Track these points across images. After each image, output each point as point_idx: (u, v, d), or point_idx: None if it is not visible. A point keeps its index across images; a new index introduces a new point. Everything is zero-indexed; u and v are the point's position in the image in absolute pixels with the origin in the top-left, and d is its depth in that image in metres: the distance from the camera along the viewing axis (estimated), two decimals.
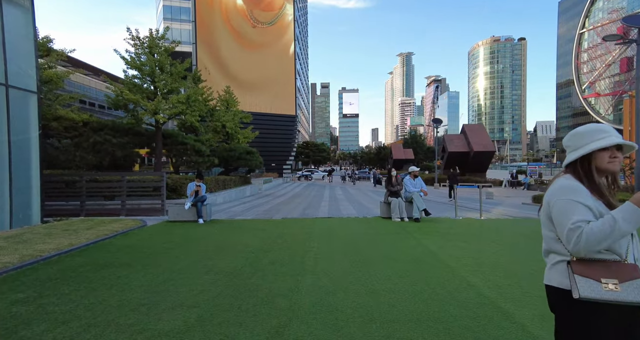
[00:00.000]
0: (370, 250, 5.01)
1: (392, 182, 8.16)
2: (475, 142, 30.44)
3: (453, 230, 6.62)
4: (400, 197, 8.10)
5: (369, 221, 7.90)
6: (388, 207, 8.17)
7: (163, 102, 11.58)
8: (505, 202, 15.29)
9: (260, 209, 11.48)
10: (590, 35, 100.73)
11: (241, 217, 9.48)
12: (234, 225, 7.69)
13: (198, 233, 6.63)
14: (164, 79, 11.85)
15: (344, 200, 15.72)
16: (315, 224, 7.51)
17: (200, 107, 13.31)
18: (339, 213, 10.13)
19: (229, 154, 17.32)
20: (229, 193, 15.56)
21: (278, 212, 10.65)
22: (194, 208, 8.13)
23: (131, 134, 12.64)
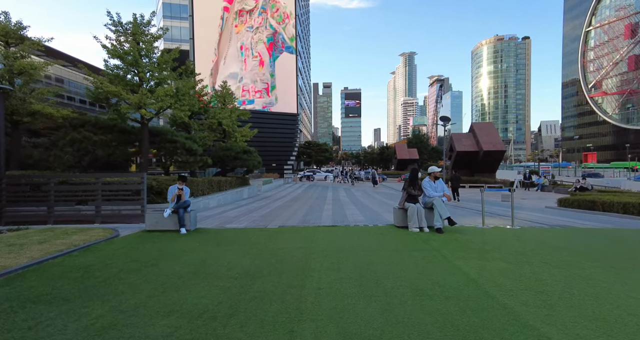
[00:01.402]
0: (391, 278, 3.78)
1: (416, 184, 6.93)
2: (485, 141, 29.14)
3: (488, 245, 5.38)
4: (418, 203, 6.86)
5: (381, 232, 6.66)
6: (404, 214, 6.94)
7: (148, 95, 10.40)
8: (524, 205, 13.99)
9: (256, 214, 10.27)
10: (596, 33, 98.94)
11: (233, 224, 8.27)
12: (221, 236, 6.47)
13: (174, 248, 5.42)
14: (149, 70, 10.65)
15: (349, 203, 14.48)
16: (317, 236, 6.29)
17: (191, 101, 12.13)
18: (345, 220, 8.90)
19: (225, 154, 16.13)
20: (224, 195, 14.37)
21: (276, 218, 9.43)
22: (176, 215, 6.93)
23: (116, 131, 11.48)
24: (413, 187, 6.95)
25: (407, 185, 6.99)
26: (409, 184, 6.98)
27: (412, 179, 7.02)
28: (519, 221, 8.76)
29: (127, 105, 10.46)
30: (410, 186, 6.96)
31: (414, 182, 6.97)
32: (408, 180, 7.03)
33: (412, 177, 7.03)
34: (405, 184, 7.04)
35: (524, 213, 10.96)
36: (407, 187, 6.98)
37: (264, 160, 38.56)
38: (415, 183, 6.96)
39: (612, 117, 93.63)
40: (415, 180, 6.99)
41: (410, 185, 6.97)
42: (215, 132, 18.28)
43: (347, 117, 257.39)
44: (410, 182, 6.98)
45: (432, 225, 6.68)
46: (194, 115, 15.82)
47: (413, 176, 7.05)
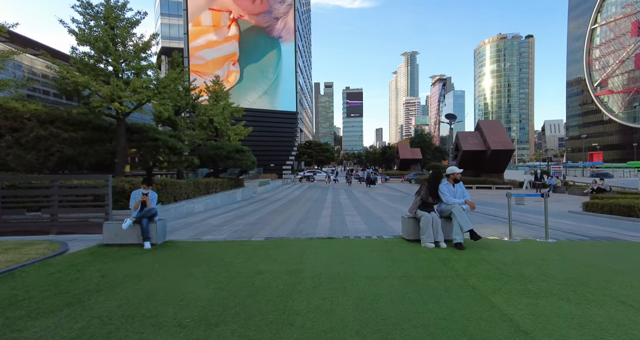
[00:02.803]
0: (406, 328, 2.55)
1: (435, 193, 5.66)
2: (493, 139, 27.83)
3: (527, 268, 4.12)
4: (433, 211, 5.62)
5: (388, 247, 5.42)
6: (415, 225, 5.69)
7: (122, 86, 9.21)
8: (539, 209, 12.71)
9: (243, 222, 9.05)
10: (602, 30, 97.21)
11: (211, 236, 7.05)
12: (190, 253, 5.26)
13: (124, 272, 4.20)
14: (124, 58, 9.43)
15: (350, 206, 13.24)
16: (308, 253, 5.06)
17: (173, 95, 10.95)
18: (345, 229, 7.66)
19: (215, 153, 14.92)
20: (213, 199, 13.16)
21: (265, 227, 8.20)
22: (139, 226, 5.72)
23: (90, 128, 10.30)
24: (432, 195, 5.68)
25: (425, 192, 5.70)
26: (428, 190, 5.70)
27: (432, 186, 5.72)
28: (554, 233, 7.49)
29: (100, 98, 9.26)
30: (427, 194, 5.68)
31: (433, 190, 5.70)
32: (427, 186, 5.74)
33: (434, 183, 5.73)
34: (422, 191, 5.75)
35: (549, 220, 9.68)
36: (423, 193, 5.72)
37: (261, 160, 37.27)
38: (436, 191, 5.69)
39: (618, 116, 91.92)
40: (436, 186, 5.71)
41: (428, 192, 5.69)
42: (207, 130, 17.09)
43: (349, 116, 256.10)
44: (430, 189, 5.70)
45: (451, 238, 5.44)
46: (181, 111, 14.66)
47: (435, 182, 5.74)
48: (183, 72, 12.50)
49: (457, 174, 5.73)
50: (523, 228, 7.87)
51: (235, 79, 43.13)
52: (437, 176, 5.82)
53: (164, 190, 9.75)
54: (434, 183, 5.75)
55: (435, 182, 5.75)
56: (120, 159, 9.93)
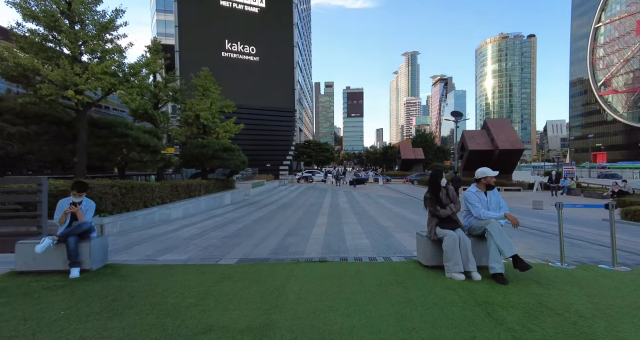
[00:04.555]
0: None
1: (440, 198, 4.21)
2: (501, 138, 26.37)
3: (624, 328, 2.65)
4: (459, 228, 4.14)
5: (400, 278, 3.95)
6: (435, 247, 4.23)
7: (78, 70, 7.74)
8: (569, 216, 11.25)
9: (220, 234, 7.57)
10: (606, 29, 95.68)
11: (172, 255, 5.56)
12: (128, 287, 3.79)
13: (4, 324, 2.75)
14: (82, 38, 7.95)
15: (350, 212, 11.78)
16: (290, 289, 3.60)
17: (144, 84, 9.52)
18: (342, 245, 6.18)
19: (200, 152, 13.45)
20: (196, 203, 11.69)
21: (244, 241, 6.72)
22: (64, 247, 4.24)
23: (46, 122, 8.84)
24: (438, 203, 4.21)
25: (432, 203, 4.21)
26: (432, 197, 4.24)
27: (433, 189, 4.28)
28: (596, 247, 6.01)
29: (52, 86, 7.79)
30: (434, 202, 4.22)
31: (436, 195, 4.24)
32: (429, 193, 4.28)
33: (434, 186, 4.28)
34: (428, 203, 4.26)
35: (585, 230, 8.22)
36: (430, 205, 4.23)
37: (256, 159, 35.81)
38: (439, 197, 4.23)
39: (622, 115, 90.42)
40: (437, 191, 4.25)
41: (433, 199, 4.24)
42: (192, 127, 15.63)
43: (349, 116, 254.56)
44: (433, 195, 4.25)
45: (486, 265, 3.97)
46: (161, 104, 13.19)
47: (435, 184, 4.29)
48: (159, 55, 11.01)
49: (490, 178, 4.25)
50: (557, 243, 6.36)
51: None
52: (436, 177, 4.32)
53: (130, 195, 8.29)
54: (434, 187, 4.28)
55: (436, 184, 4.28)
56: (81, 157, 8.48)
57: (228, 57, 39.24)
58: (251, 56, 40.37)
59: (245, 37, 40.13)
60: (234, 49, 39.69)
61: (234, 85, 37.13)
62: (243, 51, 40.02)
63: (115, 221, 7.42)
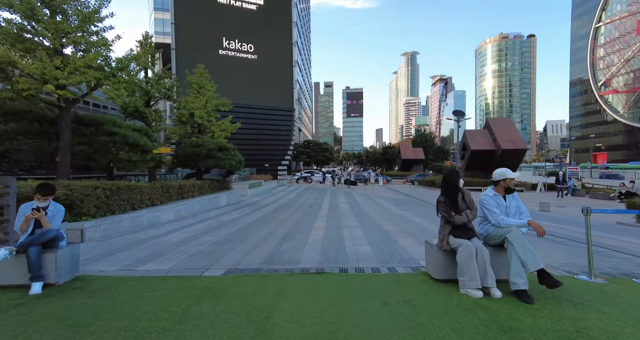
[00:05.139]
0: None
1: (457, 202, 3.71)
2: (503, 138, 25.87)
3: None
4: (475, 237, 3.64)
5: (408, 295, 3.44)
6: (448, 258, 3.73)
7: (58, 63, 7.21)
8: (577, 218, 10.76)
9: (211, 238, 7.06)
10: (607, 29, 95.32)
11: (155, 264, 5.05)
12: (94, 306, 3.28)
13: None
14: (63, 30, 7.41)
15: (350, 214, 11.28)
16: (281, 309, 3.10)
17: (132, 79, 9.00)
18: (342, 252, 5.67)
19: (194, 151, 12.92)
20: (189, 205, 11.18)
21: (235, 247, 6.22)
22: (25, 257, 3.72)
23: (27, 119, 8.32)
24: (454, 208, 3.71)
25: (446, 207, 3.71)
26: (448, 201, 3.74)
27: (449, 191, 3.78)
28: (620, 255, 5.50)
29: (31, 80, 7.26)
30: (449, 208, 3.72)
31: (453, 198, 3.74)
32: (445, 199, 3.77)
33: (451, 188, 3.78)
34: (441, 207, 3.76)
35: (600, 235, 7.72)
36: (443, 210, 3.74)
37: (254, 159, 35.27)
38: (455, 201, 3.73)
39: (623, 116, 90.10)
40: (454, 194, 3.75)
41: (449, 204, 3.74)
42: (186, 126, 15.11)
43: (349, 116, 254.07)
44: (448, 198, 3.74)
45: (505, 279, 3.48)
46: (153, 102, 12.65)
47: (451, 186, 3.79)
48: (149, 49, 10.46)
49: (510, 181, 3.75)
50: (581, 251, 5.87)
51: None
52: (451, 179, 3.81)
53: (116, 196, 7.77)
54: (450, 190, 3.78)
55: (452, 188, 3.78)
56: (64, 157, 7.95)
57: (226, 55, 38.68)
58: (249, 54, 39.80)
59: (243, 35, 39.57)
60: (232, 46, 39.15)
61: (231, 83, 36.61)
62: (241, 49, 39.46)
63: (98, 225, 6.91)
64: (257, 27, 40.16)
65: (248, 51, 39.86)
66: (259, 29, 40.15)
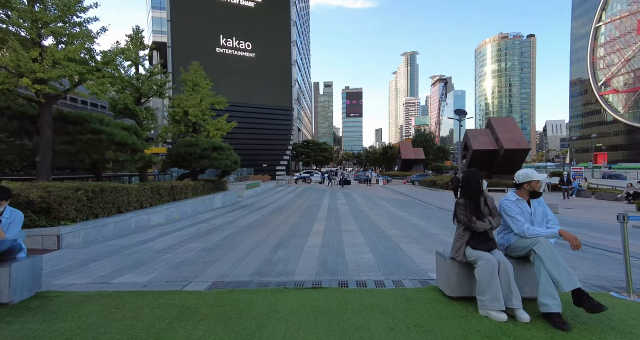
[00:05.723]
0: None
1: (479, 206, 3.21)
2: (506, 138, 25.43)
3: None
4: (496, 248, 3.14)
5: (418, 317, 2.94)
6: (464, 271, 3.23)
7: (34, 55, 6.70)
8: (592, 221, 10.27)
9: (200, 244, 6.54)
10: (607, 28, 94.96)
11: (133, 275, 4.53)
12: (47, 333, 2.78)
13: None
14: (40, 19, 6.89)
15: (349, 216, 10.78)
16: (268, 336, 2.59)
17: (119, 73, 8.50)
18: (342, 262, 5.17)
19: (187, 151, 12.41)
20: (181, 207, 10.67)
21: (225, 255, 5.71)
22: None
23: (7, 116, 7.80)
24: (475, 212, 3.21)
25: (466, 212, 3.20)
26: (469, 205, 3.24)
27: (471, 193, 3.28)
28: None
29: (6, 72, 6.72)
30: (470, 214, 3.22)
31: (475, 202, 3.25)
32: (465, 202, 3.26)
33: (473, 190, 3.28)
34: (460, 211, 3.24)
35: (613, 238, 7.23)
36: (463, 216, 3.23)
37: (252, 159, 34.69)
38: (478, 205, 3.23)
39: (623, 115, 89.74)
40: (477, 197, 3.25)
41: (470, 208, 3.23)
42: (180, 124, 14.59)
43: (348, 116, 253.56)
44: (470, 202, 3.25)
45: (530, 296, 2.98)
46: (144, 99, 12.15)
47: (473, 188, 3.28)
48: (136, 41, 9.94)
49: (536, 183, 3.23)
50: (606, 260, 5.36)
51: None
52: (473, 180, 3.30)
53: (100, 199, 7.25)
54: (472, 192, 3.27)
55: (474, 190, 3.28)
56: (44, 156, 7.43)
57: (223, 53, 38.11)
58: (247, 52, 39.22)
59: (241, 33, 38.99)
60: (229, 44, 38.57)
61: (229, 82, 36.04)
62: (239, 47, 38.89)
63: (78, 231, 6.39)
64: (255, 25, 39.62)
65: (246, 49, 39.31)
66: (257, 27, 39.61)
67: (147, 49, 11.90)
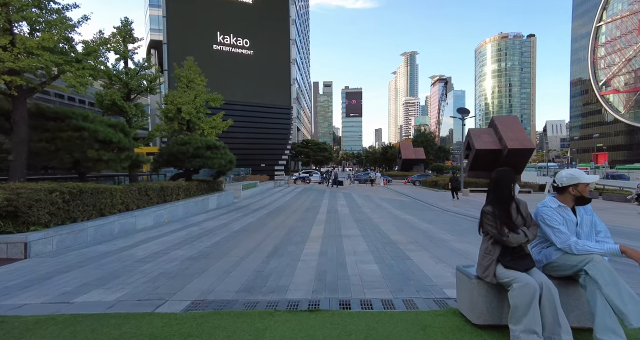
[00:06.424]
0: None
1: (510, 215, 2.61)
2: (509, 137, 24.85)
3: None
4: (532, 264, 2.54)
5: None
6: (493, 295, 2.63)
7: (5, 42, 6.08)
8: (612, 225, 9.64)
9: (182, 254, 5.92)
10: (608, 28, 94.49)
11: (100, 292, 3.91)
12: None
13: None
14: (8, 2, 6.27)
15: (350, 219, 10.18)
16: None
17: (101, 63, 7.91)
18: (343, 277, 4.56)
19: (179, 149, 11.79)
20: (173, 208, 10.05)
21: (211, 265, 5.10)
22: None
23: None
24: (507, 222, 2.60)
25: (496, 223, 2.61)
26: (499, 213, 2.64)
27: (501, 198, 2.67)
28: None
29: None
30: (501, 220, 2.61)
31: (506, 209, 2.64)
32: (494, 210, 2.65)
33: (503, 195, 2.67)
34: (489, 222, 2.64)
35: None
36: (491, 227, 2.64)
37: (250, 159, 34.01)
38: (509, 213, 2.63)
39: (624, 116, 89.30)
40: (508, 204, 2.65)
41: (500, 217, 2.62)
42: (174, 122, 13.99)
43: (348, 116, 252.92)
44: (500, 209, 2.65)
45: (577, 326, 2.39)
46: (134, 95, 11.54)
47: (504, 192, 2.67)
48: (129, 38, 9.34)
49: (584, 187, 2.62)
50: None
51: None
52: (504, 182, 2.69)
53: (79, 201, 6.64)
54: (502, 197, 2.67)
55: (505, 195, 2.67)
56: (17, 155, 6.82)
57: (220, 50, 37.41)
58: (245, 49, 38.53)
59: (239, 29, 38.29)
60: (227, 41, 37.86)
61: (226, 79, 35.37)
62: (236, 44, 38.19)
63: (50, 237, 5.78)
64: (254, 22, 38.92)
65: (244, 46, 38.62)
66: (256, 25, 38.92)
67: (137, 42, 11.29)
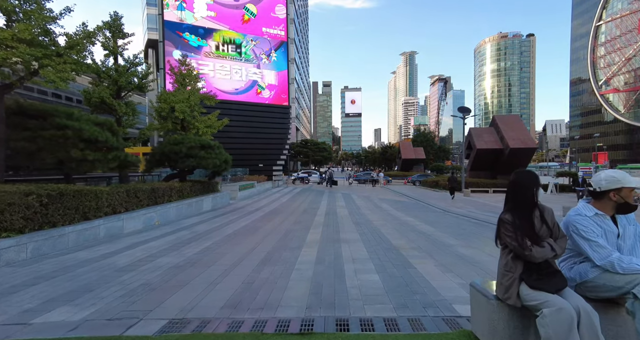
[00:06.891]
0: None
1: (533, 225, 2.20)
2: (511, 136, 24.44)
3: None
4: (563, 283, 2.13)
5: None
6: (516, 320, 2.21)
7: None
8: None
9: (168, 261, 5.49)
10: (608, 27, 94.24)
11: (56, 313, 3.46)
12: None
13: None
14: None
15: (348, 221, 9.76)
16: None
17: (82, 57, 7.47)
18: (341, 290, 4.13)
19: (172, 149, 11.35)
20: (163, 211, 9.62)
21: (198, 275, 4.67)
22: None
23: None
24: (529, 234, 2.18)
25: (516, 235, 2.17)
26: (519, 222, 2.21)
27: (520, 205, 2.25)
28: None
29: None
30: (522, 231, 2.20)
31: (528, 218, 2.22)
32: (511, 214, 2.24)
33: (525, 200, 2.24)
34: (508, 233, 2.20)
35: None
36: (511, 240, 2.21)
37: (248, 159, 33.51)
38: (532, 223, 2.20)
39: (624, 115, 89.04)
40: (530, 211, 2.23)
41: (522, 227, 2.19)
42: (167, 122, 13.55)
43: (347, 116, 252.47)
44: (519, 218, 2.24)
45: None
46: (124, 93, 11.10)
47: (525, 197, 2.23)
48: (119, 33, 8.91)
49: (629, 192, 2.19)
50: None
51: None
52: (525, 186, 2.26)
53: (59, 204, 6.21)
54: (523, 203, 2.26)
55: (526, 200, 2.25)
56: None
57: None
58: None
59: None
60: None
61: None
62: None
63: (24, 243, 5.35)
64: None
65: None
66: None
67: (128, 38, 10.84)
